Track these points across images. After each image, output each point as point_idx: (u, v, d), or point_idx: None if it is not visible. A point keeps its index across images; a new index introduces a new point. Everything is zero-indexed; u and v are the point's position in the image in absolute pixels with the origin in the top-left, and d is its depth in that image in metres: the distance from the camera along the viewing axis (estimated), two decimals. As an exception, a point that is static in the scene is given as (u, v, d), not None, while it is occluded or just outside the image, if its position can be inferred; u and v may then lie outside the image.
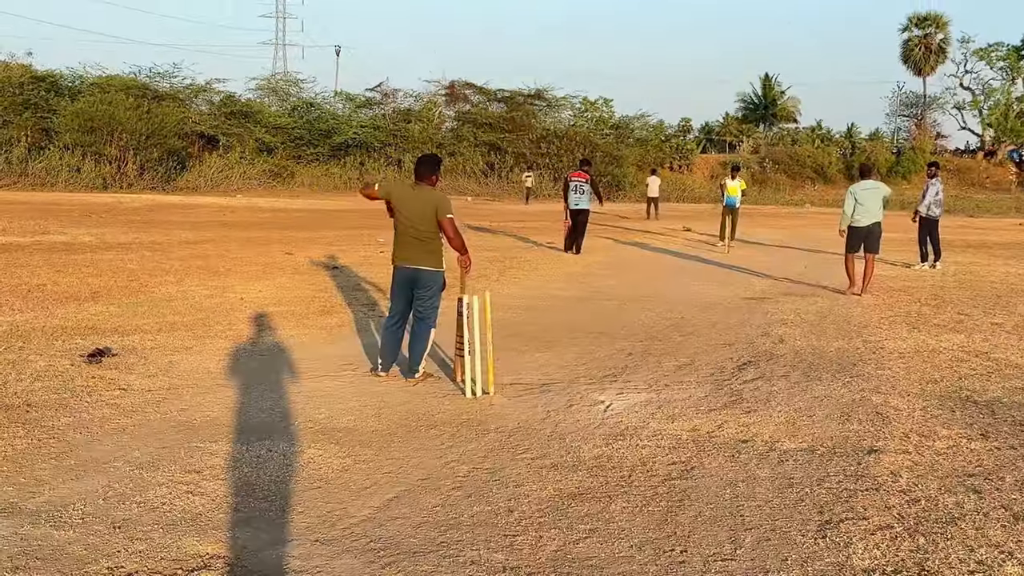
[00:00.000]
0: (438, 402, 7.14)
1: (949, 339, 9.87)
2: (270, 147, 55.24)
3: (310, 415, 6.65)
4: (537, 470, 5.52)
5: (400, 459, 5.71)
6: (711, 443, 6.08)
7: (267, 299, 11.83)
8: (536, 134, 58.40)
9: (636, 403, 7.14)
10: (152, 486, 5.12)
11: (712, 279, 15.28)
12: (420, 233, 7.62)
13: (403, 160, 55.11)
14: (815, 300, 12.76)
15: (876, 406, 7.03)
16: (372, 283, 13.43)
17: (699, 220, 32.79)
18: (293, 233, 22.41)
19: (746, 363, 8.62)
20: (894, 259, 18.81)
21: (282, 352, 8.86)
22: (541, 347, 9.30)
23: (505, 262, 17.05)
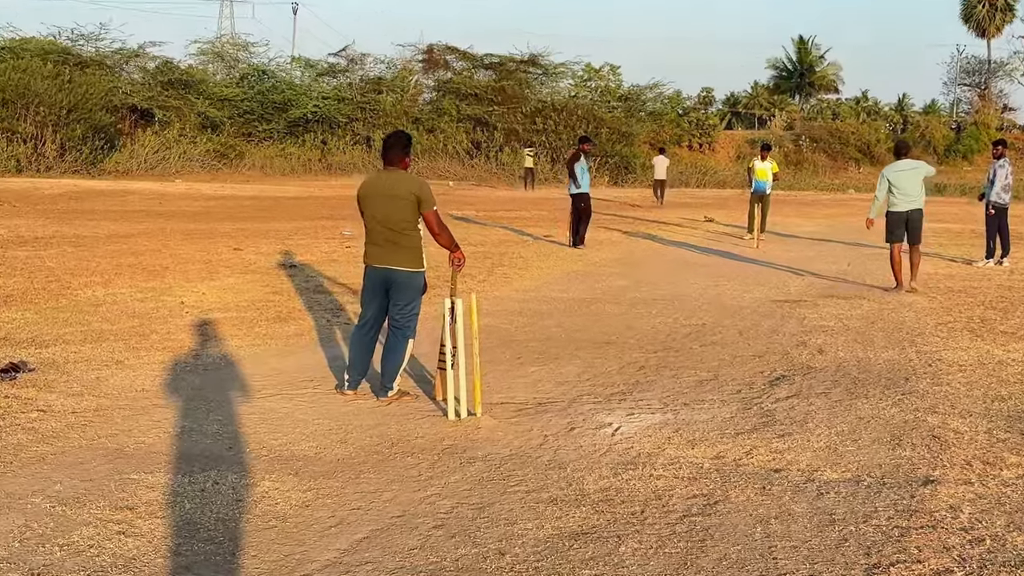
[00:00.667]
0: (416, 425, 7.15)
1: (1019, 349, 9.91)
2: (215, 123, 55.20)
3: (264, 441, 6.66)
4: (533, 505, 5.53)
5: (371, 492, 5.72)
6: (738, 473, 6.10)
7: (212, 303, 11.84)
8: (530, 107, 58.46)
9: (649, 426, 7.16)
10: (77, 526, 5.11)
11: (739, 278, 15.33)
12: (395, 226, 7.60)
13: (372, 138, 55.11)
14: (860, 303, 12.81)
15: (932, 428, 7.06)
16: (337, 284, 13.46)
17: (723, 208, 32.91)
18: (243, 225, 22.43)
19: (779, 378, 8.65)
20: (952, 254, 18.89)
21: (230, 366, 8.87)
22: (537, 360, 9.32)
23: (494, 259, 17.09)
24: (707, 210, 32.05)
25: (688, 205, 35.73)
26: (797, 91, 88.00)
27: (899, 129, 72.99)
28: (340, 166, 53.25)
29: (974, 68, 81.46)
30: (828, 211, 34.15)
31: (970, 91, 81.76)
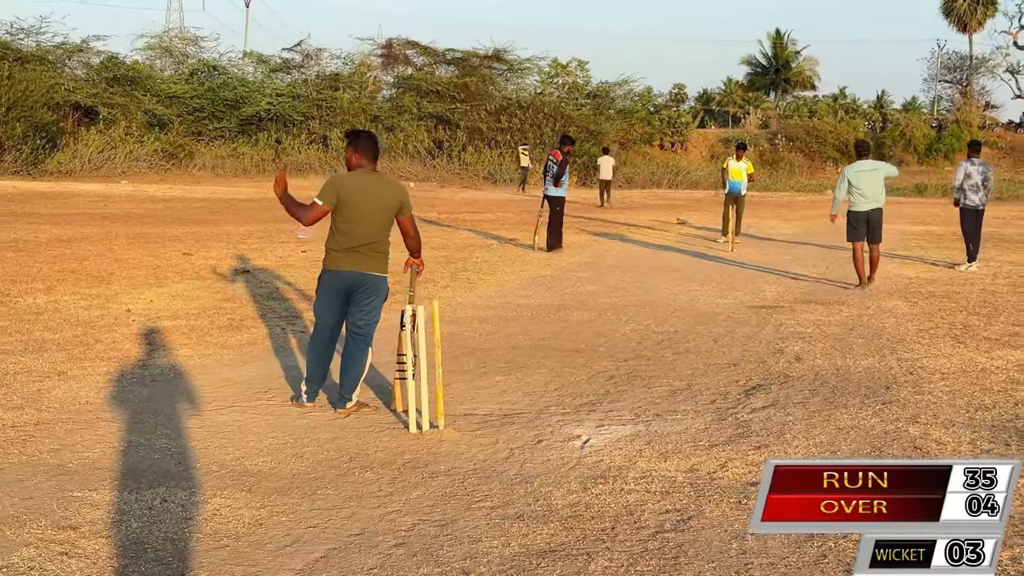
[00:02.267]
0: (375, 438, 7.13)
1: (1002, 356, 9.99)
2: (163, 121, 54.85)
3: (215, 456, 6.62)
4: (498, 522, 5.53)
5: (328, 510, 5.70)
6: (713, 486, 6.12)
7: (160, 311, 11.77)
8: (495, 104, 58.42)
9: (620, 438, 7.17)
10: (16, 546, 5.07)
11: (713, 283, 15.38)
12: (376, 233, 7.61)
13: (329, 137, 54.96)
14: (839, 309, 12.88)
15: (914, 439, 7.10)
16: (292, 289, 13.43)
17: (696, 210, 33.05)
18: (193, 228, 22.33)
19: (755, 387, 8.68)
20: (935, 257, 19.04)
21: (179, 377, 8.82)
22: (502, 369, 9.32)
23: (457, 263, 17.09)
24: (679, 212, 32.19)
25: (660, 206, 35.87)
26: (772, 88, 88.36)
27: (878, 127, 73.51)
28: (295, 166, 52.91)
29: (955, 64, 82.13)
30: (805, 212, 34.33)
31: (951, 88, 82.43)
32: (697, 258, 19.23)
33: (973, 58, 79.86)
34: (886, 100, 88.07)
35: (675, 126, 68.20)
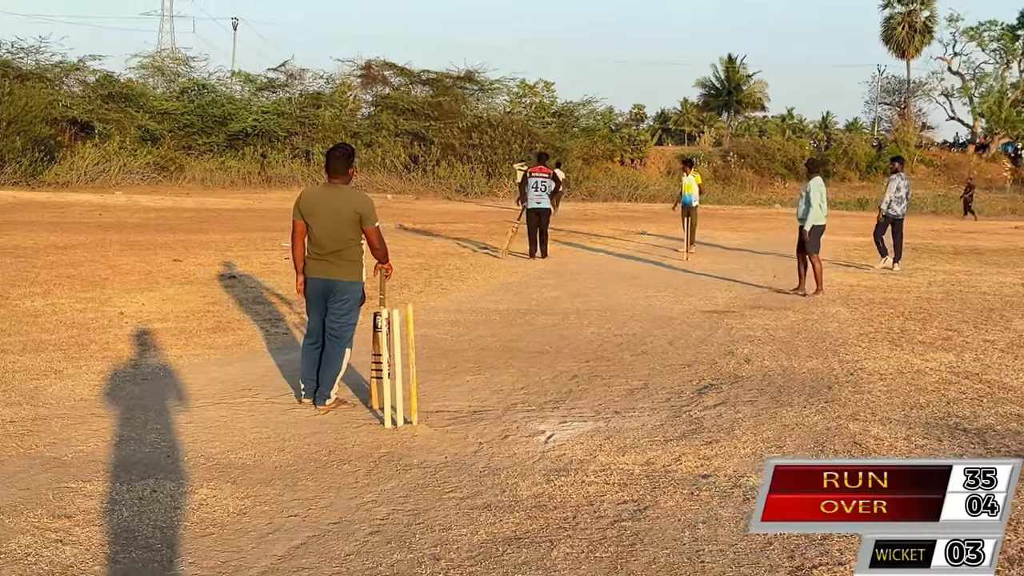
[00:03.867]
0: (352, 433, 7.12)
1: (936, 358, 10.06)
2: (155, 136, 54.57)
3: (202, 449, 6.60)
4: (467, 511, 5.53)
5: (308, 500, 5.68)
6: (667, 479, 6.14)
7: (151, 313, 11.72)
8: (467, 122, 58.40)
9: (581, 433, 7.18)
10: (14, 534, 5.04)
11: (669, 290, 15.41)
12: (337, 241, 7.60)
13: (312, 152, 54.82)
14: (785, 314, 12.93)
15: (854, 435, 7.14)
16: (275, 294, 13.37)
17: (655, 222, 33.13)
18: (182, 236, 22.21)
19: (707, 387, 8.71)
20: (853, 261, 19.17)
21: (169, 375, 8.78)
22: (472, 369, 9.32)
23: (431, 270, 17.06)
24: (639, 223, 32.26)
25: (621, 218, 35.90)
26: (725, 108, 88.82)
27: (823, 146, 73.95)
28: (279, 179, 52.83)
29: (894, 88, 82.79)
30: (755, 225, 34.47)
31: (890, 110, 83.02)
32: (655, 266, 19.26)
33: (911, 82, 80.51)
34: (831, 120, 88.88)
35: (634, 143, 68.52)
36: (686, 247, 21.43)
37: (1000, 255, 23.18)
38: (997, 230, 34.45)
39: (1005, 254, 23.54)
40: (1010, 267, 20.05)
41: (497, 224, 30.25)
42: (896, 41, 78.23)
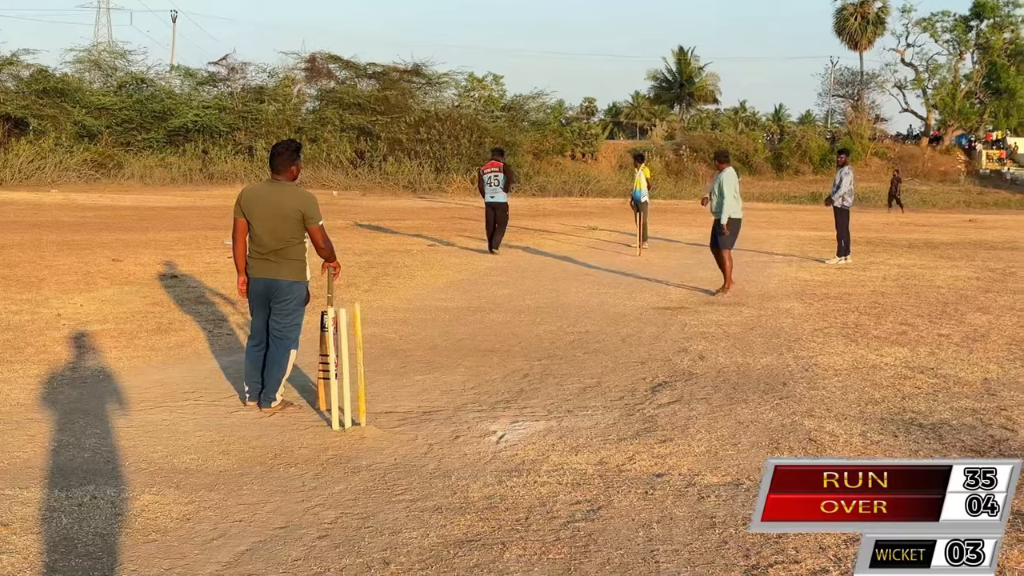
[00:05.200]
0: (299, 435, 7.10)
1: (891, 353, 10.17)
2: (92, 132, 54.02)
3: (144, 454, 6.55)
4: (417, 514, 5.53)
5: (254, 504, 5.66)
6: (621, 478, 6.16)
7: (90, 315, 11.60)
8: (414, 116, 58.30)
9: (533, 433, 7.19)
10: (-52, 544, 4.98)
11: (622, 286, 15.47)
12: (279, 240, 7.56)
13: (255, 147, 54.48)
14: (740, 310, 13.02)
15: (809, 432, 7.21)
16: (218, 294, 13.29)
17: (606, 217, 33.20)
18: (122, 235, 22.00)
19: (661, 384, 8.75)
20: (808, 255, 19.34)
21: (109, 379, 8.70)
22: (421, 368, 9.31)
23: (379, 268, 17.01)
24: (590, 219, 32.30)
25: (572, 214, 35.97)
26: (677, 101, 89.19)
27: (777, 139, 74.40)
28: (222, 175, 52.48)
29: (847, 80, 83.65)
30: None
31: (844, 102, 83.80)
32: (607, 263, 19.30)
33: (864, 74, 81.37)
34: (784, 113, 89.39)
35: (585, 137, 68.52)
36: (638, 243, 21.49)
37: (954, 248, 23.46)
38: (951, 223, 34.84)
39: (959, 247, 23.83)
40: (964, 260, 20.30)
41: (446, 220, 30.24)
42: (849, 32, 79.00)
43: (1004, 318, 12.44)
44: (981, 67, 72.78)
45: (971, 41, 73.90)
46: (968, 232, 29.76)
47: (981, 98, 73.12)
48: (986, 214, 43.76)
